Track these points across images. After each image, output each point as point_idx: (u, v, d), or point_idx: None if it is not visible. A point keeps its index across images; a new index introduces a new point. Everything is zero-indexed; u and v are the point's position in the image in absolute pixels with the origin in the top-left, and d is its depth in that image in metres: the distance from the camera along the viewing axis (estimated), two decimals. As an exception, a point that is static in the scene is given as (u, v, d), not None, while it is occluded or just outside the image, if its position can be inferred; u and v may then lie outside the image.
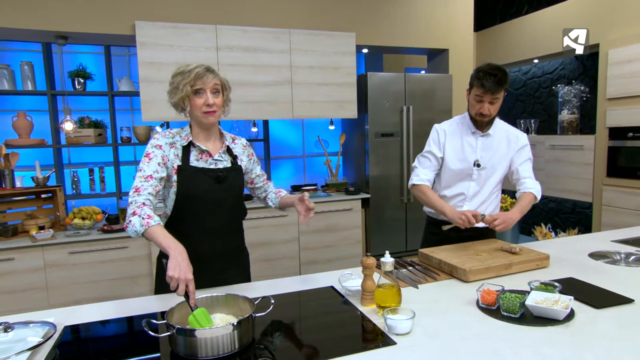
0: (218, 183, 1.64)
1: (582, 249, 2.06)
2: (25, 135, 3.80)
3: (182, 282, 1.26)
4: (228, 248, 1.73)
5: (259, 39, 3.56)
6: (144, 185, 1.53)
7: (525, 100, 5.43)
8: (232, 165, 1.72)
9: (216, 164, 1.68)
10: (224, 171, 1.67)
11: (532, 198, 2.03)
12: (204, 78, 1.56)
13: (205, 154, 1.67)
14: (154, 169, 1.56)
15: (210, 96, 1.57)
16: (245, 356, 1.17)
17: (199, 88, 1.56)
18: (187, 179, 1.61)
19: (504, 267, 1.71)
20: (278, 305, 1.50)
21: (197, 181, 1.62)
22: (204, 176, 1.63)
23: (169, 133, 1.66)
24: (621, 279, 1.66)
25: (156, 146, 1.60)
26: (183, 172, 1.61)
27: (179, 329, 1.12)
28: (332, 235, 3.81)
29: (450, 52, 4.24)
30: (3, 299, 2.97)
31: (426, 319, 1.33)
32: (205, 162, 1.66)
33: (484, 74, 1.90)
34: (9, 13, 3.10)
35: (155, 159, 1.58)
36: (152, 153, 1.59)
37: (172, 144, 1.63)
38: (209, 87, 1.57)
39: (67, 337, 1.29)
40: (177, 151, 1.63)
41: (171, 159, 1.62)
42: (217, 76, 1.62)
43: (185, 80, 1.55)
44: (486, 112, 1.95)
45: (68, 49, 4.15)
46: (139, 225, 1.41)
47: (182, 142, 1.64)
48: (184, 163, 1.62)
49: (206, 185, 1.63)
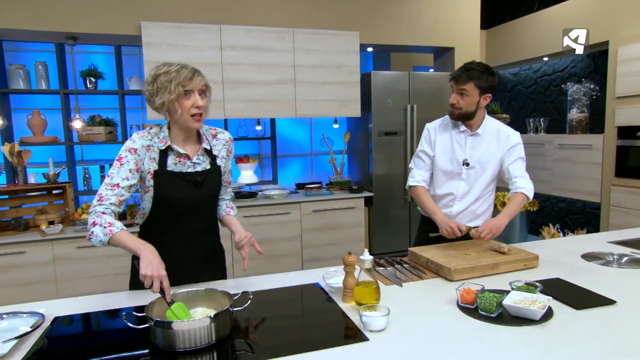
0: (195, 187, 1.61)
1: (577, 250, 2.04)
2: (39, 133, 3.92)
3: (155, 279, 1.30)
4: (204, 249, 1.72)
5: (263, 38, 3.60)
6: (107, 194, 1.50)
7: (535, 99, 5.35)
8: (211, 167, 1.67)
9: (194, 167, 1.64)
10: (202, 174, 1.64)
11: (522, 198, 2.02)
12: (193, 80, 1.52)
13: (183, 157, 1.61)
14: (124, 176, 1.53)
15: (199, 98, 1.53)
16: (223, 348, 1.21)
17: (189, 89, 1.51)
18: (164, 185, 1.57)
19: (490, 267, 1.71)
20: (260, 300, 1.55)
21: (174, 186, 1.58)
22: (182, 181, 1.60)
23: (147, 134, 1.59)
24: (609, 280, 1.65)
25: (130, 150, 1.55)
26: (159, 177, 1.57)
27: (157, 321, 1.16)
28: (334, 233, 3.84)
29: (456, 50, 4.21)
30: (15, 291, 3.08)
31: (404, 316, 1.35)
32: (183, 166, 1.62)
33: (461, 66, 1.96)
34: (22, 15, 3.20)
35: (127, 165, 1.53)
36: (125, 158, 1.54)
37: (149, 147, 1.57)
38: (197, 89, 1.53)
39: (56, 327, 1.34)
40: (154, 154, 1.57)
41: (146, 163, 1.57)
42: (203, 76, 1.57)
43: (175, 81, 1.49)
44: (452, 102, 1.99)
45: (81, 49, 4.27)
46: (102, 234, 1.42)
47: (160, 145, 1.57)
48: (161, 167, 1.57)
49: (183, 191, 1.60)
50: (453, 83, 1.99)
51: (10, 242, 3.09)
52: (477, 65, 1.95)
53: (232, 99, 3.59)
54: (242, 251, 1.68)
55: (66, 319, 1.40)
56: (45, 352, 1.21)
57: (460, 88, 1.96)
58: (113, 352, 1.23)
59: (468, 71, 1.95)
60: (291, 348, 1.18)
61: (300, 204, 3.73)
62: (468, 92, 1.96)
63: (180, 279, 1.61)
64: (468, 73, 1.95)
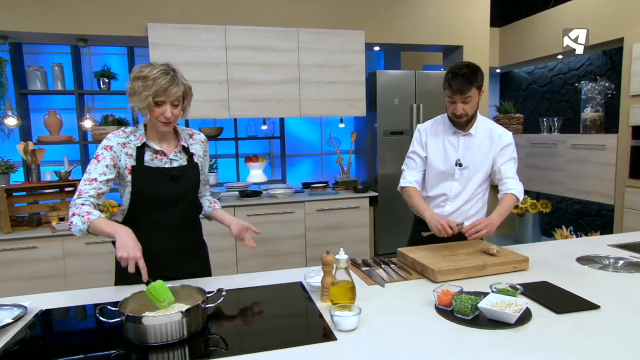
0: (173, 182, 1.65)
1: (573, 252, 1.99)
2: (55, 133, 4.04)
3: (131, 260, 1.35)
4: (185, 244, 1.75)
5: (267, 38, 3.63)
6: (86, 188, 1.55)
7: (550, 98, 5.22)
8: (188, 163, 1.72)
9: (171, 163, 1.68)
10: (179, 170, 1.68)
11: (513, 199, 1.98)
12: (168, 92, 1.51)
13: (159, 154, 1.66)
14: (101, 171, 1.57)
15: (170, 109, 1.55)
16: (195, 343, 1.23)
17: (161, 100, 1.53)
18: (142, 179, 1.62)
19: (476, 269, 1.69)
20: (241, 298, 1.57)
21: (152, 181, 1.63)
22: (159, 175, 1.64)
23: (122, 133, 1.64)
24: (599, 284, 1.60)
25: (106, 147, 1.59)
26: (137, 172, 1.61)
27: (128, 316, 1.19)
28: (339, 232, 3.84)
29: (464, 48, 4.14)
30: (26, 285, 3.19)
31: (378, 317, 1.35)
32: (160, 161, 1.66)
33: (452, 74, 1.90)
34: (36, 18, 3.31)
35: (103, 161, 1.58)
36: (101, 155, 1.59)
37: (125, 144, 1.62)
38: (170, 100, 1.54)
39: (39, 319, 1.39)
40: (131, 151, 1.62)
41: (123, 159, 1.61)
42: (180, 86, 1.56)
43: (147, 92, 1.50)
44: (460, 113, 1.93)
45: (96, 51, 4.39)
46: (81, 223, 1.46)
47: (136, 142, 1.62)
48: (138, 163, 1.62)
49: (161, 184, 1.63)
50: (456, 95, 1.90)
51: (24, 237, 3.20)
52: (467, 68, 1.90)
53: (237, 99, 3.63)
54: (245, 242, 1.80)
55: (50, 312, 1.45)
56: (26, 343, 1.26)
57: (465, 97, 1.91)
58: (89, 345, 1.26)
59: (466, 78, 1.88)
60: (259, 345, 1.19)
61: (304, 203, 3.74)
62: (471, 97, 1.93)
63: (162, 272, 1.62)
64: (467, 79, 1.88)
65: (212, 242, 3.50)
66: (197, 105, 3.56)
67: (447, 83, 1.93)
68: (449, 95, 1.94)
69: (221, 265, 3.61)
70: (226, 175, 4.60)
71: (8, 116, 3.59)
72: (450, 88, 1.91)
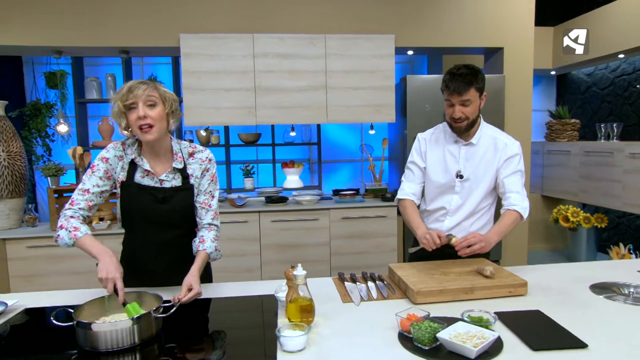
0: (161, 203, 1.62)
1: (591, 277, 1.77)
2: (107, 138, 4.35)
3: (110, 280, 1.39)
4: (178, 261, 1.69)
5: (295, 45, 3.63)
6: (78, 199, 1.58)
7: (612, 102, 4.74)
8: (182, 185, 1.66)
9: (161, 183, 1.64)
10: (169, 191, 1.63)
11: (515, 217, 1.80)
12: (135, 90, 1.50)
13: (150, 173, 1.63)
14: (94, 183, 1.59)
15: (142, 108, 1.51)
16: (146, 350, 1.25)
17: (132, 102, 1.51)
18: (129, 196, 1.61)
19: (463, 292, 1.55)
20: (209, 307, 1.57)
21: (139, 199, 1.61)
22: (146, 195, 1.61)
23: (120, 145, 1.64)
24: (604, 318, 1.40)
25: (102, 159, 1.62)
26: (126, 189, 1.62)
27: (78, 322, 1.23)
28: (364, 241, 3.74)
29: (505, 50, 3.87)
30: (64, 279, 3.45)
31: (334, 339, 1.28)
32: (150, 180, 1.64)
33: (450, 75, 1.78)
34: (83, 34, 3.58)
35: (97, 172, 1.60)
36: (97, 166, 1.61)
37: (121, 157, 1.63)
38: (142, 100, 1.51)
39: (16, 317, 1.49)
40: (125, 165, 1.62)
41: (118, 172, 1.63)
42: (154, 89, 1.54)
43: (117, 97, 1.53)
44: (458, 116, 1.80)
45: (148, 61, 4.69)
46: (67, 238, 1.51)
47: (130, 157, 1.63)
48: (128, 179, 1.62)
49: (148, 204, 1.61)
50: (453, 96, 1.79)
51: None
52: (465, 68, 1.78)
53: (263, 106, 3.67)
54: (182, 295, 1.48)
55: (30, 311, 1.54)
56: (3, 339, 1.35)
57: (464, 99, 1.79)
58: (47, 347, 1.32)
59: (464, 78, 1.77)
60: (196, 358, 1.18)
61: (330, 210, 3.70)
62: (471, 100, 1.80)
63: (153, 285, 1.66)
64: (466, 80, 1.77)
65: (235, 247, 3.62)
66: (224, 112, 3.66)
67: (444, 84, 1.82)
68: (447, 98, 1.82)
69: (245, 269, 3.67)
70: (265, 180, 4.71)
71: (60, 123, 3.91)
72: (448, 89, 1.79)
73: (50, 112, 4.37)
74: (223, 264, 3.61)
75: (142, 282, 1.68)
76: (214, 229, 1.73)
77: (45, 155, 4.35)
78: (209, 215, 1.72)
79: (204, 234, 1.70)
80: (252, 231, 3.65)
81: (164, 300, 1.39)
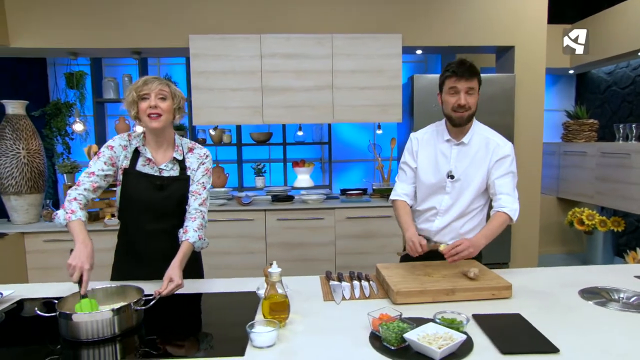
0: (158, 190, 1.73)
1: (583, 282, 1.73)
2: (123, 136, 4.48)
3: (77, 269, 1.43)
4: (171, 251, 1.70)
5: (301, 45, 3.66)
6: (84, 180, 1.69)
7: (632, 101, 4.57)
8: (180, 175, 1.78)
9: (161, 172, 1.76)
10: (167, 180, 1.75)
11: (504, 219, 1.77)
12: (150, 84, 1.67)
13: (151, 161, 1.75)
14: (99, 167, 1.71)
15: (154, 99, 1.66)
16: (126, 340, 1.30)
17: (145, 93, 1.66)
18: (130, 183, 1.73)
19: (444, 293, 1.54)
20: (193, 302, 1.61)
21: (139, 186, 1.73)
22: (146, 182, 1.73)
23: (126, 136, 1.78)
24: (583, 324, 1.37)
25: (108, 147, 1.74)
26: (127, 175, 1.73)
27: (60, 313, 1.29)
28: (369, 241, 3.74)
29: (516, 49, 3.79)
30: (78, 272, 3.57)
31: (305, 336, 1.30)
32: (151, 169, 1.76)
33: (455, 64, 1.78)
34: (98, 35, 3.70)
35: (102, 157, 1.72)
36: (102, 153, 1.73)
37: (126, 146, 1.75)
38: (154, 92, 1.66)
39: (9, 308, 1.56)
40: (129, 154, 1.75)
41: (121, 160, 1.74)
42: (167, 85, 1.71)
43: (132, 87, 1.69)
44: (464, 102, 1.77)
45: (165, 62, 4.82)
46: (62, 218, 1.60)
47: (134, 145, 1.75)
48: (131, 167, 1.74)
49: (147, 191, 1.72)
50: (461, 81, 1.76)
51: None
52: (466, 60, 1.79)
53: (270, 105, 3.71)
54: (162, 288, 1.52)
55: (24, 302, 1.61)
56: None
57: (469, 86, 1.78)
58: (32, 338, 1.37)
59: (471, 66, 1.78)
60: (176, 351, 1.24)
61: (335, 210, 3.71)
62: (474, 89, 1.80)
63: (148, 275, 1.73)
64: (472, 69, 1.78)
65: (241, 245, 3.67)
66: (232, 112, 3.71)
67: (450, 71, 1.78)
68: (452, 85, 1.78)
69: (252, 266, 3.71)
70: (277, 179, 4.76)
71: (76, 122, 4.05)
72: (455, 74, 1.76)
73: (69, 111, 4.52)
74: (229, 261, 3.68)
75: (136, 272, 1.75)
76: (199, 216, 1.76)
77: (64, 153, 4.52)
78: (197, 202, 1.78)
79: (188, 224, 1.74)
80: (258, 229, 3.70)
81: (146, 293, 1.43)
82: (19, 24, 3.64)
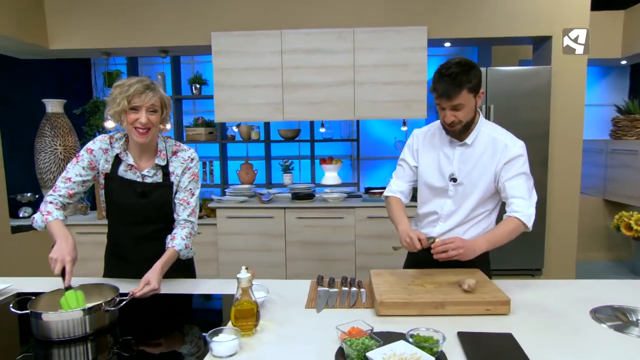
0: (141, 197, 1.68)
1: (600, 299, 1.54)
2: (155, 132, 4.62)
3: (59, 261, 1.43)
4: (156, 254, 1.67)
5: (322, 40, 3.58)
6: (60, 186, 1.66)
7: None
8: (162, 182, 1.72)
9: (144, 178, 1.70)
10: (150, 186, 1.69)
11: (516, 225, 1.61)
12: (142, 96, 1.58)
13: (134, 167, 1.69)
14: (77, 172, 1.67)
15: (145, 115, 1.58)
16: (99, 340, 1.30)
17: (136, 105, 1.58)
18: (112, 188, 1.69)
19: (433, 306, 1.42)
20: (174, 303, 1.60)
21: (121, 191, 1.68)
22: (128, 188, 1.68)
23: (107, 138, 1.70)
24: (583, 347, 1.21)
25: (87, 150, 1.68)
26: (110, 181, 1.69)
27: (31, 312, 1.30)
28: (389, 242, 3.59)
29: (553, 39, 3.49)
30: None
31: (270, 346, 1.24)
32: (133, 174, 1.70)
33: (438, 76, 1.60)
34: (128, 35, 3.82)
35: (81, 162, 1.68)
36: (81, 157, 1.68)
37: (107, 150, 1.69)
38: (146, 106, 1.58)
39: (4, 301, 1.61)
40: (110, 158, 1.69)
41: (101, 164, 1.69)
42: (157, 94, 1.62)
43: (122, 95, 1.57)
44: (450, 120, 1.63)
45: (199, 59, 4.92)
46: (40, 221, 1.60)
47: (116, 150, 1.69)
48: (112, 172, 1.69)
49: (129, 197, 1.68)
50: (442, 100, 1.61)
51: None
52: (456, 66, 1.58)
53: (290, 102, 3.67)
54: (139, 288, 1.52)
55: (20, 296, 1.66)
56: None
57: (454, 104, 1.60)
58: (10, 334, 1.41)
59: (454, 79, 1.57)
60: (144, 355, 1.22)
61: (355, 209, 3.61)
62: (463, 103, 1.61)
63: (136, 275, 1.68)
64: (456, 81, 1.57)
65: (260, 242, 3.66)
66: (252, 109, 3.71)
67: (432, 86, 1.66)
68: (436, 101, 1.66)
69: (269, 265, 3.71)
70: (306, 176, 4.73)
71: (107, 120, 4.21)
72: (436, 91, 1.63)
73: (106, 109, 4.72)
74: (248, 259, 3.68)
75: (124, 272, 1.76)
76: (188, 226, 1.74)
77: (101, 149, 4.72)
78: (185, 212, 1.74)
79: (177, 232, 1.72)
80: (277, 227, 3.68)
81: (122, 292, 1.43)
82: (56, 26, 3.83)
